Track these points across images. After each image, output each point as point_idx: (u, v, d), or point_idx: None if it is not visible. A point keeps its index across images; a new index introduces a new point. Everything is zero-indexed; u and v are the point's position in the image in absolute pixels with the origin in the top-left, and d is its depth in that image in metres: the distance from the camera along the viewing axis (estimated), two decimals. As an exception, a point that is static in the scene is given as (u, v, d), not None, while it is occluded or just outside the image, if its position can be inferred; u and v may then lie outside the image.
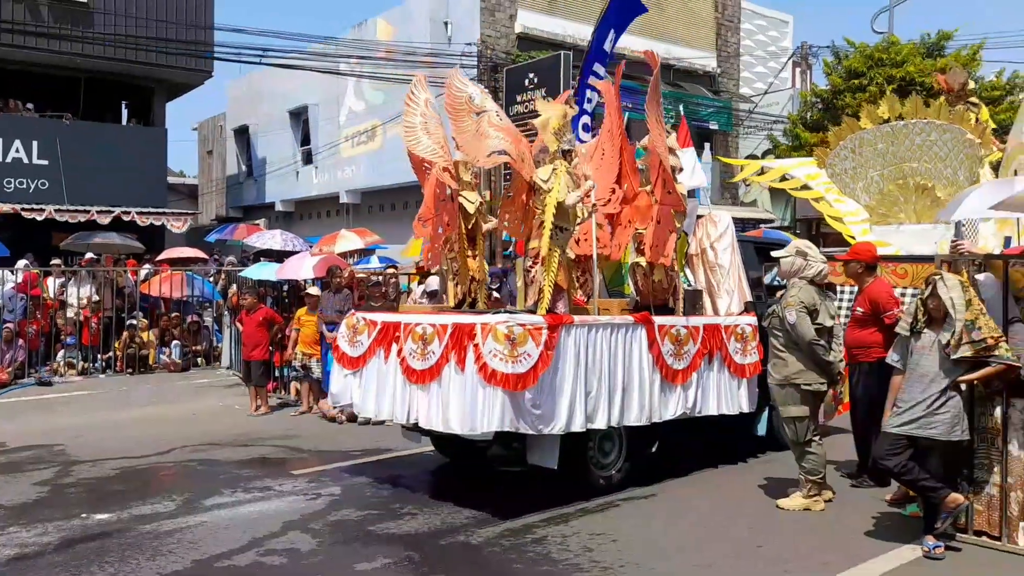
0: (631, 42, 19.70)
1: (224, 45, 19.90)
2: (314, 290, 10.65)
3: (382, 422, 9.41)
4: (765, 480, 6.93)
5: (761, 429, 7.56)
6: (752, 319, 7.25)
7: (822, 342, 6.05)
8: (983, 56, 18.58)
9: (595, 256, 6.54)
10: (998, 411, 5.30)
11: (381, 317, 6.73)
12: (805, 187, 7.95)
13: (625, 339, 6.35)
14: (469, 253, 6.92)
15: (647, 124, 6.70)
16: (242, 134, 27.75)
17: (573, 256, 6.63)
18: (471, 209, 6.80)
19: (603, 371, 6.18)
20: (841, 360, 6.27)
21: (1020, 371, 5.06)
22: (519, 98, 17.88)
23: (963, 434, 5.21)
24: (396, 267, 11.93)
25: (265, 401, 10.43)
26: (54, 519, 5.94)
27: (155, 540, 5.49)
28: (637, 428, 6.59)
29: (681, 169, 7.01)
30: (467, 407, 5.73)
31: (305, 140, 24.56)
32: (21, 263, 13.91)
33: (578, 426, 6.03)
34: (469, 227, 6.91)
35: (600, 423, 6.21)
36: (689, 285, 7.35)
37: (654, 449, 7.16)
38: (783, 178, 8.25)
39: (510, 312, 6.08)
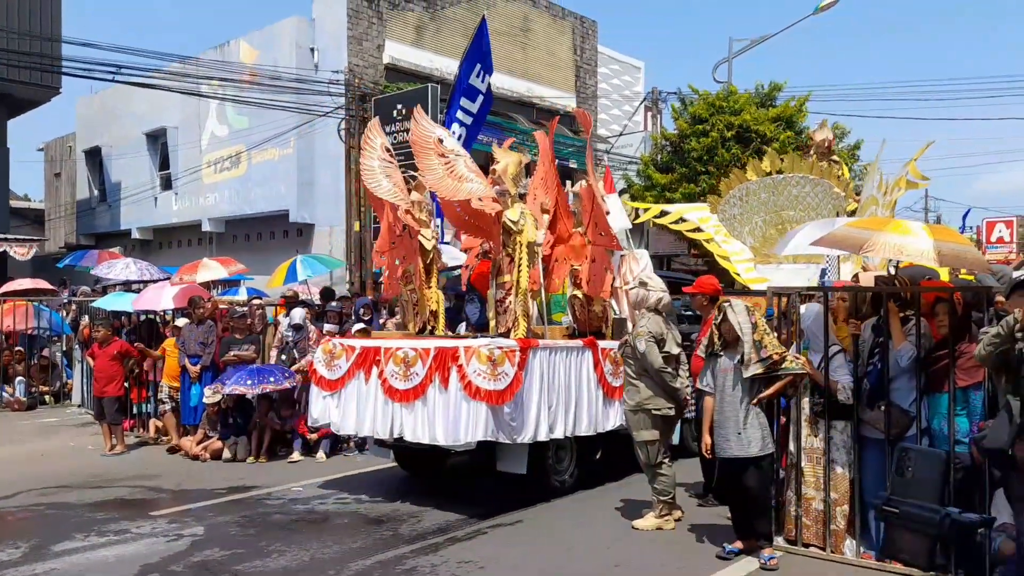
0: (497, 80, 20.20)
1: (73, 60, 18.74)
2: (182, 322, 10.26)
3: (246, 459, 9.29)
4: (622, 503, 7.26)
5: (675, 439, 8.03)
6: None
7: (669, 369, 6.42)
8: (808, 108, 20.14)
9: (542, 288, 7.38)
10: (822, 433, 5.77)
11: (359, 342, 7.50)
12: (698, 229, 8.87)
13: (576, 360, 7.29)
14: (427, 285, 7.81)
15: (585, 172, 7.55)
16: (94, 156, 26.21)
17: None
18: (428, 246, 7.78)
19: (560, 388, 7.08)
20: (687, 385, 6.70)
21: (839, 392, 5.62)
22: (387, 129, 17.89)
23: (771, 446, 5.73)
24: (261, 298, 11.65)
25: (121, 439, 9.90)
26: None
27: (-3, 592, 5.18)
28: (585, 438, 7.48)
29: (608, 212, 7.71)
30: (452, 421, 6.58)
31: (164, 164, 23.50)
32: None
33: (543, 436, 6.88)
34: (427, 262, 7.83)
35: (559, 433, 7.07)
36: (616, 314, 8.16)
37: (598, 456, 7.98)
38: (681, 220, 9.14)
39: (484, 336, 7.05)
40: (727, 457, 5.74)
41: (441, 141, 7.27)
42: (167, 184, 23.19)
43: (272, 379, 9.24)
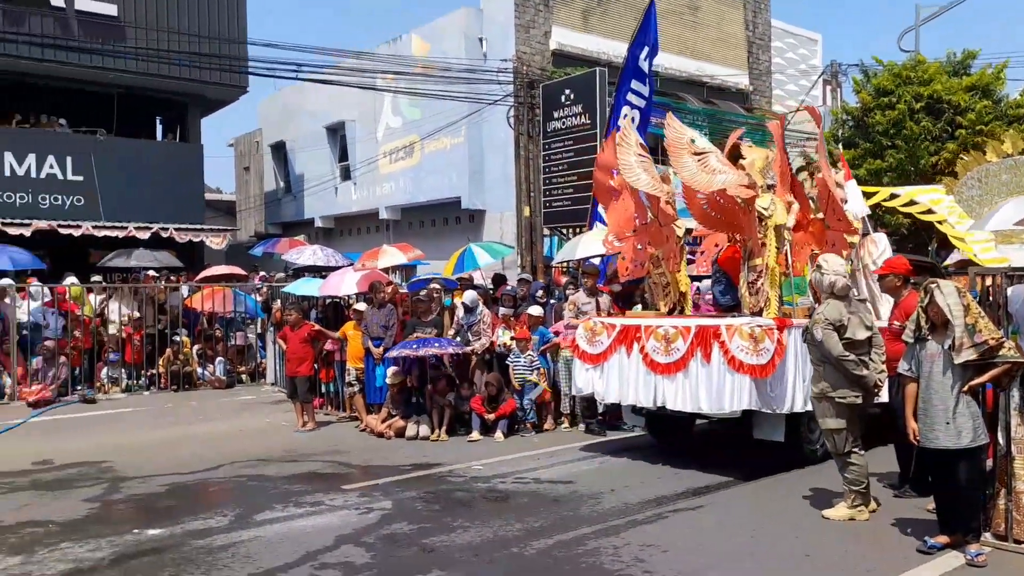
0: (666, 60, 19.79)
1: (258, 60, 20.00)
2: (361, 306, 10.65)
3: (428, 436, 9.49)
4: (810, 491, 6.95)
5: None
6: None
7: (851, 356, 6.10)
8: (1007, 75, 18.67)
9: (789, 270, 7.86)
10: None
11: (620, 321, 8.41)
12: (929, 211, 8.96)
13: None
14: (678, 269, 8.55)
15: (819, 162, 8.14)
16: (279, 150, 28.01)
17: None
18: (680, 233, 8.58)
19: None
20: (881, 371, 6.32)
21: None
22: (556, 114, 17.90)
23: (984, 436, 5.32)
24: (443, 282, 11.89)
25: (312, 417, 10.38)
26: (106, 535, 5.95)
27: (209, 555, 5.50)
28: None
29: (845, 200, 8.05)
30: (715, 392, 7.32)
31: (343, 156, 24.73)
32: (67, 281, 13.99)
33: (799, 407, 7.25)
34: (678, 248, 8.57)
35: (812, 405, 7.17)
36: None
37: None
38: (911, 202, 9.26)
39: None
40: (935, 448, 5.34)
41: (693, 141, 7.84)
42: (346, 175, 24.38)
43: (436, 345, 9.45)
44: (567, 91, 17.83)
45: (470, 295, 10.35)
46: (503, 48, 19.23)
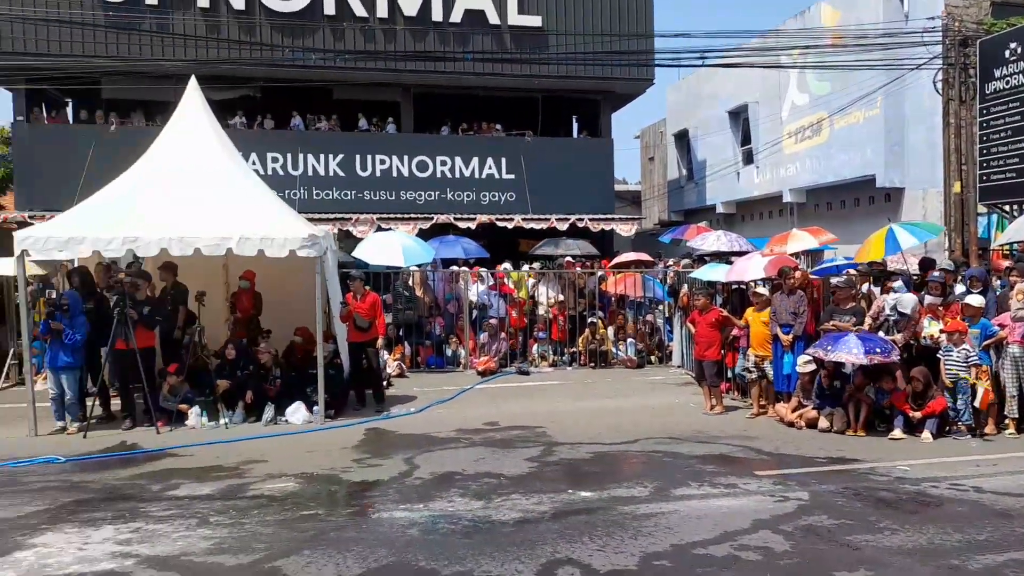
0: None
1: (662, 51, 20.64)
2: (762, 289, 10.54)
3: (843, 431, 9.08)
4: None
5: None
6: None
7: None
8: None
9: None
10: None
11: None
12: None
13: None
14: None
15: None
16: (681, 138, 28.64)
17: None
18: None
19: None
20: None
21: None
22: (997, 73, 15.71)
23: None
24: (866, 267, 11.28)
25: (720, 400, 10.59)
26: (546, 491, 6.76)
27: (634, 521, 5.94)
28: None
29: None
30: None
31: (745, 139, 24.48)
32: (503, 267, 16.01)
33: None
34: None
35: None
36: None
37: None
38: None
39: None
40: None
41: None
42: (748, 159, 24.10)
43: (879, 350, 8.87)
44: (1012, 45, 15.53)
45: (912, 302, 9.59)
46: (929, 5, 17.41)
